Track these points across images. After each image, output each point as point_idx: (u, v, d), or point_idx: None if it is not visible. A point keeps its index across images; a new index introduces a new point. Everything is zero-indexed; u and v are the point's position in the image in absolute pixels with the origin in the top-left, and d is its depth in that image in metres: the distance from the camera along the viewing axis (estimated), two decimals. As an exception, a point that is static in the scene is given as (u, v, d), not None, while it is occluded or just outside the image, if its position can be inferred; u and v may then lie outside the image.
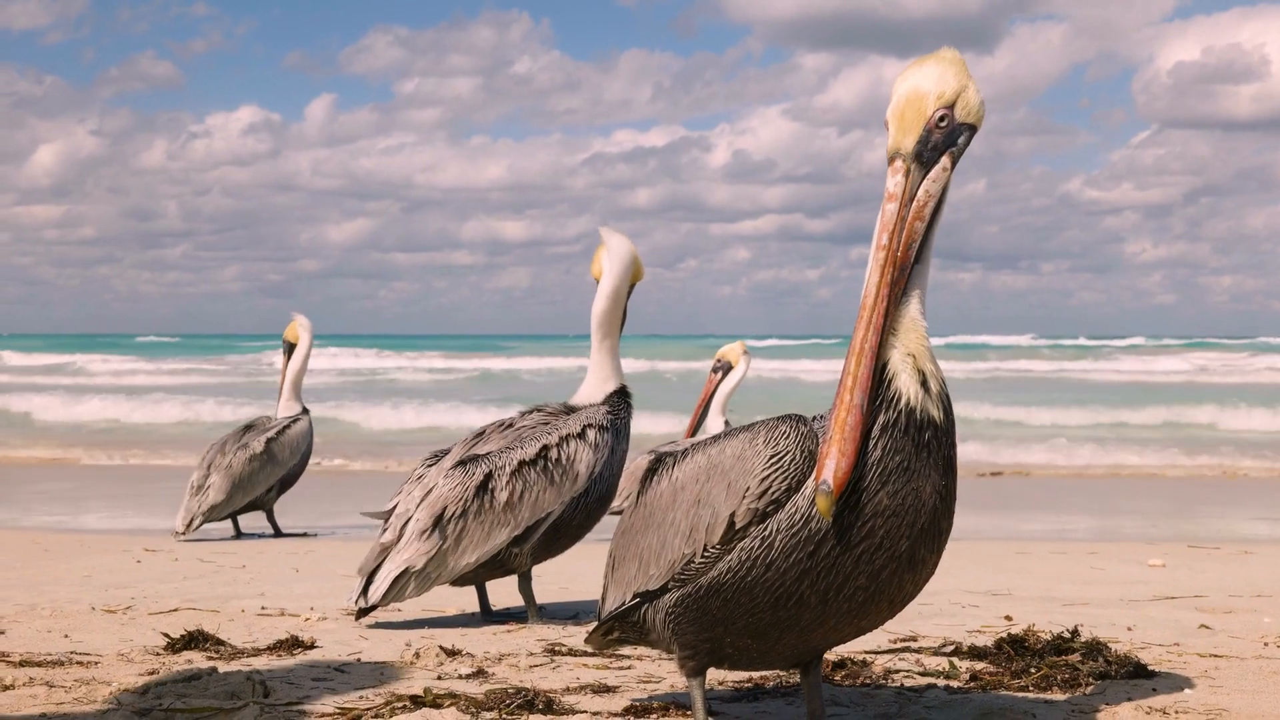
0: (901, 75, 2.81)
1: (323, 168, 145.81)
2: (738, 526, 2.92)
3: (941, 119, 2.75)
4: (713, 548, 2.96)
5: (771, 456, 2.90)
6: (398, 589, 4.86)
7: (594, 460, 4.96)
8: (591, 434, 4.98)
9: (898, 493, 2.81)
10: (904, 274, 2.80)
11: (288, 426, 8.55)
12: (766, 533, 2.88)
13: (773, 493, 2.88)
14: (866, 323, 2.71)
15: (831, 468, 2.68)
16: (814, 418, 2.99)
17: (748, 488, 2.91)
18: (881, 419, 2.82)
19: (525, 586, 5.11)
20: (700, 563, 2.99)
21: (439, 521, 4.87)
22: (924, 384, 2.84)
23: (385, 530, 4.97)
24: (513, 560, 5.00)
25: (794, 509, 2.86)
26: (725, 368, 8.62)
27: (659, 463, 3.26)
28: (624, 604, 3.25)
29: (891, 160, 2.75)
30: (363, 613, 4.93)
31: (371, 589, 4.85)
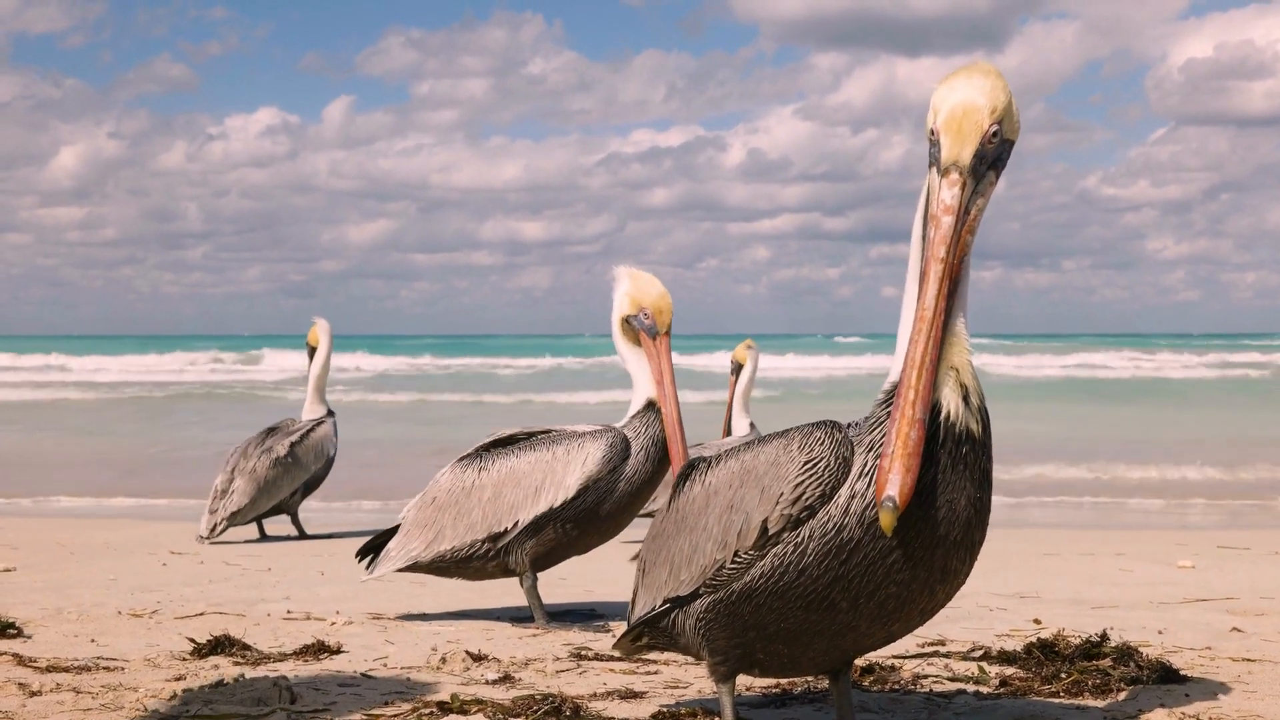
0: (946, 86, 2.74)
1: (340, 169, 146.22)
2: (771, 532, 2.90)
3: (994, 134, 2.70)
4: (745, 553, 2.94)
5: (806, 463, 2.88)
6: (389, 564, 5.14)
7: (585, 475, 4.94)
8: (591, 448, 4.96)
9: (932, 505, 2.79)
10: (956, 287, 2.76)
11: (311, 429, 8.54)
12: (799, 539, 2.87)
13: (806, 499, 2.86)
14: (926, 336, 2.64)
15: (897, 483, 2.62)
16: (849, 424, 2.97)
17: (781, 493, 2.89)
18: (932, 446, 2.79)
19: (529, 590, 5.11)
20: (732, 568, 2.98)
21: (429, 507, 5.12)
22: (965, 399, 2.81)
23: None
24: (503, 560, 5.05)
25: (827, 516, 2.85)
26: (737, 368, 8.77)
27: (692, 468, 3.24)
28: (654, 609, 3.24)
29: (947, 172, 2.68)
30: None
31: (379, 564, 5.17)
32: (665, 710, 3.59)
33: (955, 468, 2.79)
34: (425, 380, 35.42)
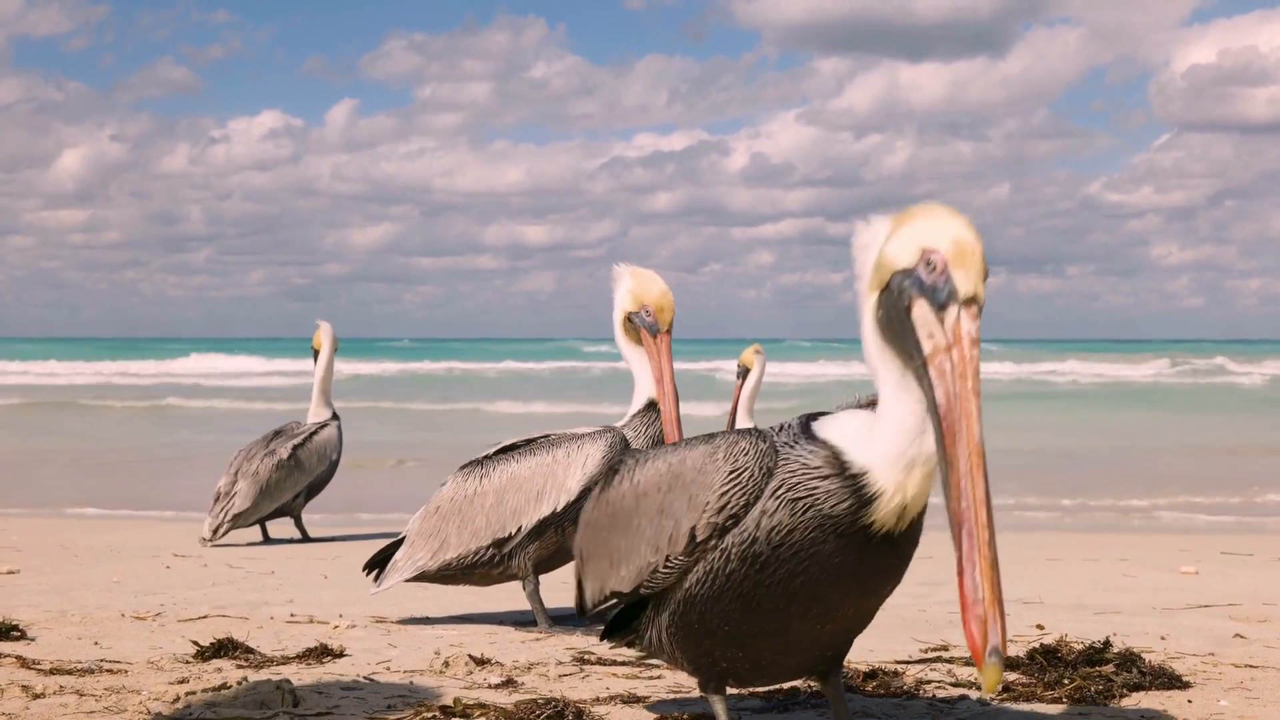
0: (932, 219, 2.65)
1: (343, 172, 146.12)
2: (699, 539, 2.98)
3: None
4: (676, 558, 3.03)
5: (731, 472, 2.95)
6: (397, 575, 5.19)
7: (586, 476, 4.96)
8: (590, 449, 4.98)
9: (841, 560, 2.87)
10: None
11: (315, 433, 8.55)
12: (725, 545, 2.95)
13: (731, 508, 2.93)
14: (982, 470, 2.51)
15: (997, 633, 2.48)
16: (780, 428, 3.01)
17: (707, 502, 2.97)
18: (843, 526, 2.83)
19: (531, 594, 5.13)
20: (665, 571, 3.06)
21: (433, 517, 5.15)
22: (901, 512, 2.82)
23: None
24: (508, 565, 5.08)
25: (744, 529, 2.91)
26: (744, 371, 8.78)
27: (620, 461, 3.31)
28: (603, 599, 3.33)
29: (968, 304, 2.58)
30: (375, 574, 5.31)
31: (387, 576, 5.21)
32: (667, 715, 3.59)
33: (869, 548, 2.84)
34: (398, 386, 35.27)
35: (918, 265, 2.61)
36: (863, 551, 2.84)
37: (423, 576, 5.17)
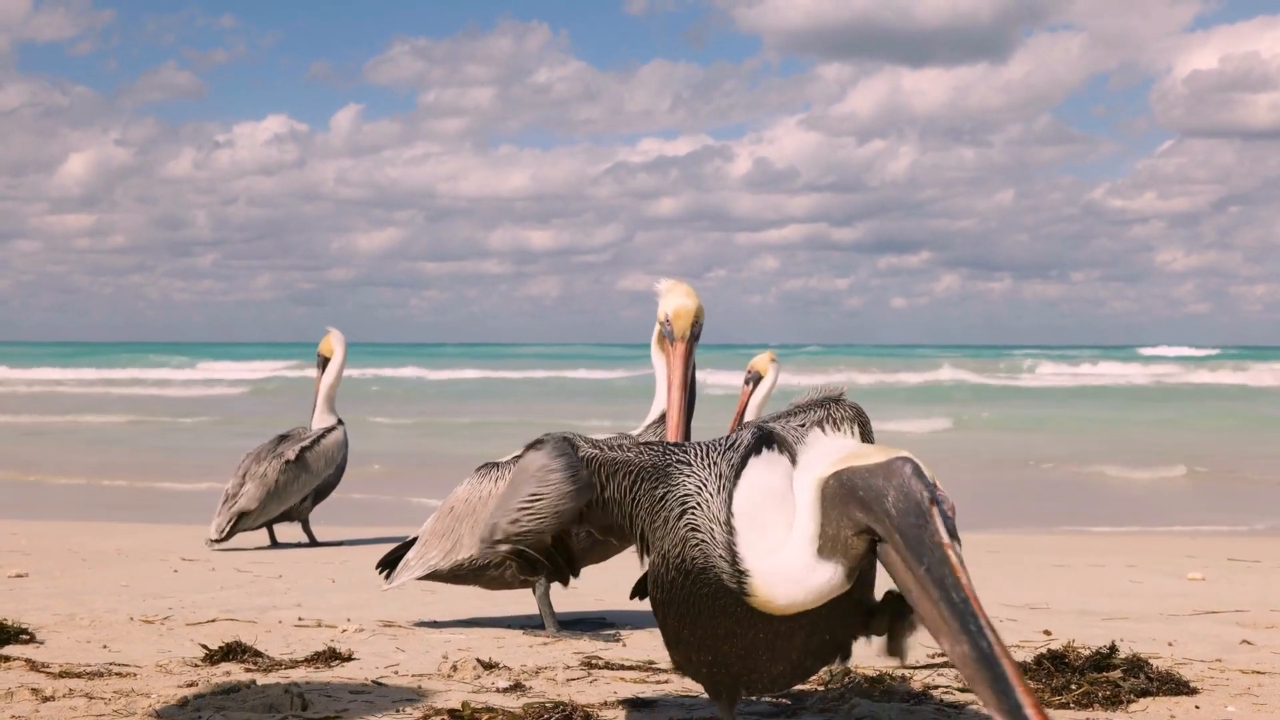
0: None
1: (348, 177, 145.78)
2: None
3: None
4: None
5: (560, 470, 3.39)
6: (409, 573, 5.25)
7: None
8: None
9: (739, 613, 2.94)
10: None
11: (322, 437, 8.58)
12: (663, 550, 3.03)
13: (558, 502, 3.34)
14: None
15: None
16: (731, 442, 3.08)
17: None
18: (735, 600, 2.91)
19: (541, 597, 5.14)
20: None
21: (447, 517, 5.20)
22: (786, 608, 2.86)
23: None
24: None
25: (671, 540, 3.00)
26: (755, 378, 8.63)
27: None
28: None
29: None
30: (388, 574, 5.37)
31: (398, 573, 5.27)
32: (675, 719, 3.60)
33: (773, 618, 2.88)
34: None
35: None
36: (769, 617, 2.87)
37: (434, 575, 5.20)
